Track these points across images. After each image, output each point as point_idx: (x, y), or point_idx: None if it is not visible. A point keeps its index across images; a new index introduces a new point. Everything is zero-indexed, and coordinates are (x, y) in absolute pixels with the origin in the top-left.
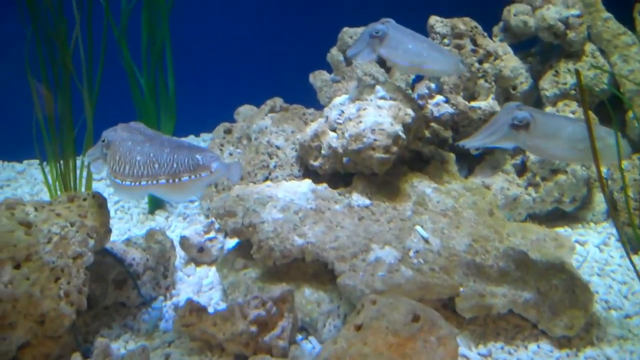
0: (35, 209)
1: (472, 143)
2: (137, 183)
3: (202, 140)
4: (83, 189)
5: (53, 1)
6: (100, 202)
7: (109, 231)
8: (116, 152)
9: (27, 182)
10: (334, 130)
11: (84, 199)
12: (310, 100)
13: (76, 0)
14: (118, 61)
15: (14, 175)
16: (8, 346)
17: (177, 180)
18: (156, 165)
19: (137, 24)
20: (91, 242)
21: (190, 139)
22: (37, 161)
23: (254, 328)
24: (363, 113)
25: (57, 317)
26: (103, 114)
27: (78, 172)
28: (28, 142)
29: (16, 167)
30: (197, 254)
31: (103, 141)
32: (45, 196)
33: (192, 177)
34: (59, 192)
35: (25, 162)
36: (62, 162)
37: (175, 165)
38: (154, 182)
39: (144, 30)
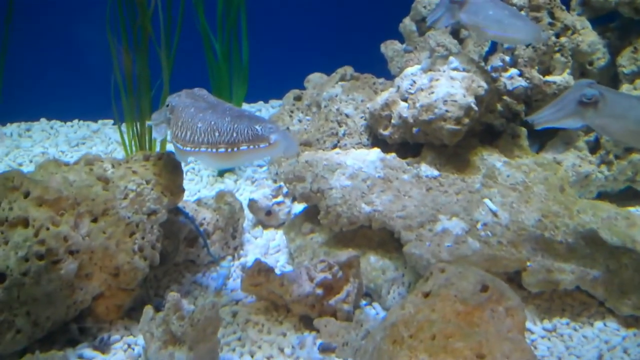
0: (113, 166)
1: (540, 118)
2: (197, 149)
3: (271, 106)
4: (157, 149)
5: None
6: (174, 162)
7: (182, 190)
8: (179, 118)
9: (101, 141)
10: (405, 100)
11: (159, 158)
12: (381, 70)
13: None
14: (194, 26)
15: (89, 134)
16: (84, 296)
17: (235, 149)
18: (216, 133)
19: None
20: (165, 200)
21: (260, 105)
22: (112, 121)
23: (320, 291)
24: (435, 84)
25: (131, 270)
26: (178, 77)
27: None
28: (103, 102)
29: (91, 126)
30: (265, 217)
31: (167, 106)
32: (119, 155)
33: (251, 147)
34: (134, 152)
35: (100, 121)
36: (138, 122)
37: (235, 135)
38: (214, 149)
39: None
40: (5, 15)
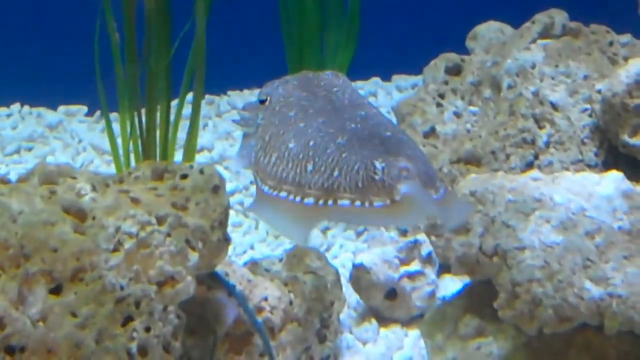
0: (93, 188)
1: None
2: (277, 192)
3: (396, 87)
4: (179, 160)
5: None
6: (213, 184)
7: (227, 240)
8: (269, 125)
9: (64, 145)
10: None
11: (183, 176)
12: (623, 18)
13: None
14: None
15: (41, 131)
16: None
17: (330, 202)
18: (309, 166)
19: None
20: (193, 256)
21: (373, 85)
22: (85, 108)
23: None
24: None
25: None
26: (223, 29)
27: (171, 128)
28: (69, 73)
29: (46, 118)
30: (385, 302)
31: (263, 101)
32: (100, 170)
33: (356, 203)
34: (133, 165)
35: (62, 109)
36: (144, 110)
37: (336, 174)
38: (298, 197)
39: None
40: None
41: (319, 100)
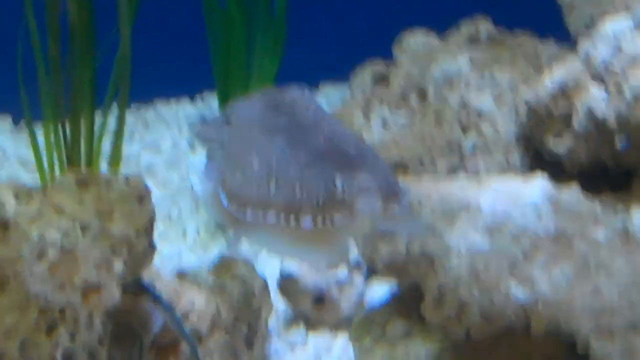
0: (17, 197)
1: None
2: (242, 211)
3: (325, 96)
4: (104, 169)
5: None
6: (139, 192)
7: (152, 248)
8: (233, 145)
9: None
10: (600, 81)
11: (108, 186)
12: (548, 24)
13: None
14: None
15: None
16: None
17: (293, 220)
18: (272, 184)
19: None
20: (118, 264)
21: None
22: (8, 118)
23: None
24: None
25: None
26: (143, 34)
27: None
28: None
29: None
30: (313, 308)
31: (227, 119)
32: (24, 181)
33: (320, 220)
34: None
35: None
36: (67, 121)
37: (297, 192)
38: (262, 214)
39: None
40: None
41: (282, 117)
